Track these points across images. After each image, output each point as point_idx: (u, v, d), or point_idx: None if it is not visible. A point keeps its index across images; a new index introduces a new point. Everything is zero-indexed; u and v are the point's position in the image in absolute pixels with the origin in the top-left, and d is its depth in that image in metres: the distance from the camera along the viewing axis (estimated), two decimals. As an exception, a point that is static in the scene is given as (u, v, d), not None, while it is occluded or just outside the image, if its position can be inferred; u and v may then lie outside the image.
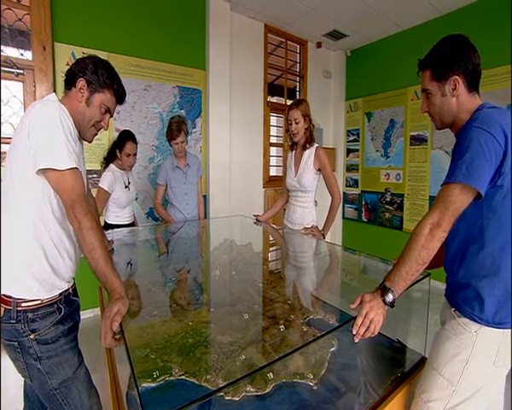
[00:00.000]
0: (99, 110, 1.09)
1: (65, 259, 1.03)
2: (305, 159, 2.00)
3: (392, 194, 4.15)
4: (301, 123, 1.95)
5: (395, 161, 4.11)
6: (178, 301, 1.19)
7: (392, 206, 4.15)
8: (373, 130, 4.38)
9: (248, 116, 3.78)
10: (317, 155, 1.97)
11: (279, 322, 1.01)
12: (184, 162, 2.49)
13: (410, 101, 3.90)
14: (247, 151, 3.81)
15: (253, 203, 3.83)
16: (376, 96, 4.31)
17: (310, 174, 1.98)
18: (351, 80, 4.68)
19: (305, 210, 2.02)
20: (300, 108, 1.93)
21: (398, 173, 4.07)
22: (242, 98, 3.70)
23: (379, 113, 4.30)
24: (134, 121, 2.98)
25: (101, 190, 2.18)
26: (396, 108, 4.07)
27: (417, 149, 3.83)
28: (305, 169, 1.98)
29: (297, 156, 2.07)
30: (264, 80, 3.89)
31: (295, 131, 1.97)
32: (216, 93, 3.37)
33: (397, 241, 4.08)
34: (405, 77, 3.90)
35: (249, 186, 3.84)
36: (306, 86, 4.41)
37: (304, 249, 1.94)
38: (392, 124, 4.12)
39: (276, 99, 4.52)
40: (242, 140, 3.74)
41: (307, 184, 1.98)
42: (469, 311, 0.98)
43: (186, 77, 3.23)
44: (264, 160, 4.01)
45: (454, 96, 1.00)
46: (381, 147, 4.26)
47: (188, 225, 2.40)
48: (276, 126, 4.48)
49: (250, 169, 3.85)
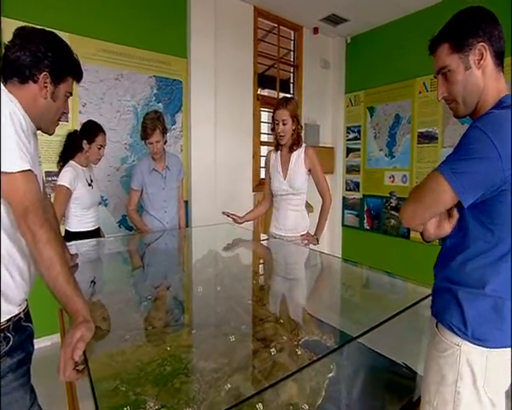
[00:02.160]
0: (64, 100, 1.08)
1: (15, 278, 0.99)
2: (295, 159, 2.05)
3: (398, 198, 4.16)
4: (289, 124, 1.99)
5: (401, 162, 4.13)
6: (155, 322, 1.18)
7: (398, 211, 4.18)
8: (376, 126, 4.42)
9: (236, 111, 3.79)
10: (308, 155, 2.04)
11: (270, 345, 1.01)
12: (163, 165, 2.47)
13: (418, 93, 3.92)
14: (235, 151, 3.82)
15: (241, 209, 3.61)
16: (380, 89, 4.34)
17: (301, 175, 2.04)
18: (351, 71, 4.70)
19: (298, 214, 2.09)
20: (289, 108, 1.98)
21: (404, 175, 4.09)
22: (229, 91, 3.71)
23: (382, 107, 4.32)
24: (103, 115, 2.95)
25: (62, 189, 2.12)
26: (402, 101, 4.10)
27: (426, 147, 3.87)
28: (296, 170, 2.04)
29: (284, 158, 2.11)
30: (253, 71, 3.91)
31: (282, 134, 2.01)
32: (198, 85, 3.38)
33: (403, 251, 4.10)
34: (412, 67, 3.92)
35: (237, 190, 3.85)
36: (301, 77, 4.43)
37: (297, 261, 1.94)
38: (398, 120, 4.15)
39: (267, 92, 4.55)
40: (229, 138, 3.75)
41: (299, 185, 2.04)
42: (449, 319, 0.99)
43: (164, 66, 3.23)
44: (254, 160, 4.02)
45: (480, 68, 0.98)
46: (385, 146, 4.29)
47: (166, 235, 2.38)
48: (267, 123, 4.47)
49: (238, 171, 3.86)
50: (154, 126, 2.30)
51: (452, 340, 0.97)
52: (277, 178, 2.11)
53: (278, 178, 2.10)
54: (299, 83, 4.46)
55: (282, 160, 2.13)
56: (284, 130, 2.00)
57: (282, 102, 2.00)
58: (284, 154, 2.12)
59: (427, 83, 3.84)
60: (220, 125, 3.64)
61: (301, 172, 2.04)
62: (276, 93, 4.30)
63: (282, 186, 2.08)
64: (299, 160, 2.05)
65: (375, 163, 4.43)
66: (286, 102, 1.99)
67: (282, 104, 2.00)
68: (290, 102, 2.01)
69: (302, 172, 2.04)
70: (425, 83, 3.87)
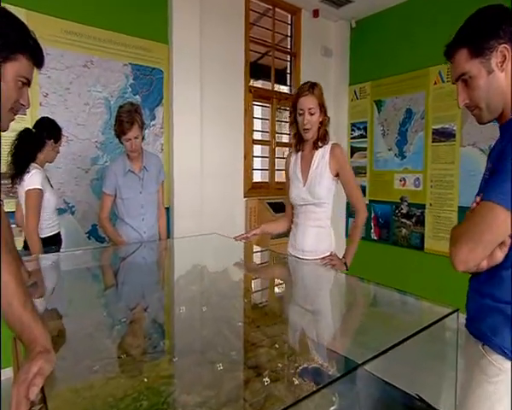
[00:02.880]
0: (15, 86, 1.00)
1: None
2: (318, 160, 1.97)
3: (410, 204, 4.20)
4: (317, 115, 1.92)
5: (413, 163, 4.16)
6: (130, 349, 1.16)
7: (410, 220, 4.21)
8: (384, 123, 4.46)
9: (225, 105, 3.81)
10: (334, 155, 1.95)
11: (263, 373, 1.01)
12: (140, 165, 2.47)
13: (433, 84, 3.96)
14: (224, 151, 3.85)
15: (230, 218, 3.87)
16: (389, 80, 4.37)
17: (326, 181, 1.95)
18: (356, 59, 4.75)
19: (321, 231, 1.99)
20: (316, 94, 1.91)
21: (416, 178, 4.13)
22: (217, 82, 3.73)
23: (392, 101, 4.36)
24: (69, 109, 2.94)
25: (36, 192, 2.21)
26: (414, 94, 4.13)
27: (442, 146, 3.91)
28: (319, 174, 1.96)
29: (305, 159, 2.04)
30: (245, 59, 3.95)
31: (308, 126, 1.92)
32: (182, 75, 3.40)
33: (416, 265, 4.13)
34: (426, 54, 3.96)
35: (226, 196, 3.87)
36: (299, 67, 4.48)
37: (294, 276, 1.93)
38: (410, 115, 4.18)
39: (260, 83, 4.58)
40: (217, 137, 3.77)
41: (323, 194, 1.95)
42: (500, 342, 1.00)
43: (142, 52, 3.25)
44: (246, 161, 4.06)
45: (503, 71, 1.01)
46: (395, 144, 4.33)
47: (144, 248, 2.38)
48: (260, 119, 4.53)
49: (227, 174, 3.89)
50: (132, 120, 2.29)
51: (504, 365, 0.99)
52: (296, 185, 2.03)
53: (297, 184, 2.03)
54: (296, 73, 4.48)
55: (302, 161, 2.05)
56: (311, 121, 1.91)
57: (308, 86, 1.92)
58: (306, 153, 2.04)
59: (443, 72, 3.89)
60: (207, 121, 3.66)
61: (325, 176, 1.95)
62: (271, 85, 4.34)
63: (300, 194, 2.00)
64: (323, 161, 1.97)
65: (384, 164, 4.45)
66: (313, 87, 1.91)
67: (308, 89, 1.90)
68: (317, 87, 1.93)
69: (327, 176, 1.94)
70: (441, 72, 3.91)
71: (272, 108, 4.35)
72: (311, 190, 1.96)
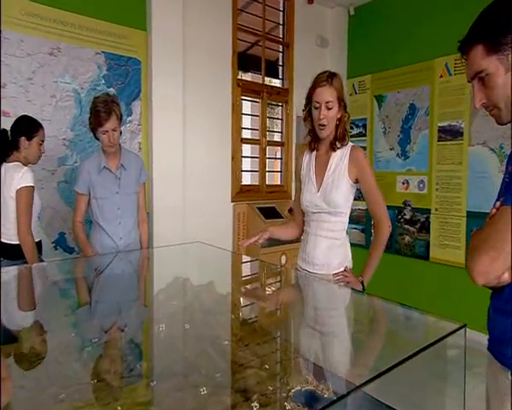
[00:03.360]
0: None
1: None
2: (335, 163, 1.94)
3: (414, 209, 4.23)
4: (335, 110, 1.89)
5: (417, 163, 4.18)
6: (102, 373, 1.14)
7: (414, 226, 4.24)
8: (385, 119, 4.48)
9: (210, 100, 3.82)
10: (355, 158, 1.91)
11: (252, 397, 1.01)
12: (117, 162, 2.46)
13: (439, 78, 3.99)
14: (209, 151, 3.84)
15: (216, 225, 3.86)
16: (390, 73, 4.39)
17: (343, 187, 1.92)
18: (354, 50, 4.77)
19: (335, 243, 1.95)
20: (336, 86, 1.88)
21: (421, 180, 4.15)
22: (201, 74, 3.73)
23: (394, 95, 4.38)
24: (32, 102, 2.90)
25: (28, 190, 2.30)
26: (418, 88, 4.15)
27: (449, 145, 3.94)
28: (336, 179, 1.92)
29: (320, 161, 2.01)
30: (232, 49, 3.95)
31: (324, 122, 1.89)
32: (162, 65, 3.38)
33: (421, 275, 4.16)
34: (431, 44, 3.98)
35: (212, 200, 3.86)
36: (293, 58, 4.50)
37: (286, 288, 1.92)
38: (413, 111, 4.21)
39: (250, 76, 4.59)
40: (202, 135, 3.77)
41: (339, 201, 1.91)
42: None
43: (117, 39, 3.23)
44: (234, 163, 4.05)
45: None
46: (397, 143, 4.35)
47: (121, 259, 2.37)
48: (250, 115, 4.56)
49: (213, 176, 3.89)
50: (110, 110, 2.29)
51: None
52: (309, 189, 1.99)
53: (310, 188, 1.99)
54: (289, 65, 4.50)
55: (317, 163, 2.01)
56: (328, 116, 1.87)
57: (326, 76, 1.88)
58: (321, 154, 2.01)
59: (450, 64, 3.92)
60: (190, 117, 3.65)
61: (343, 181, 1.90)
62: (261, 77, 4.34)
63: (314, 200, 1.96)
64: (341, 164, 1.92)
65: (385, 165, 4.48)
66: (332, 78, 1.87)
67: (326, 79, 1.87)
68: (337, 77, 1.90)
69: (345, 182, 1.90)
70: (447, 64, 3.93)
71: (263, 103, 4.35)
72: (327, 197, 1.92)
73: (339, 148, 1.94)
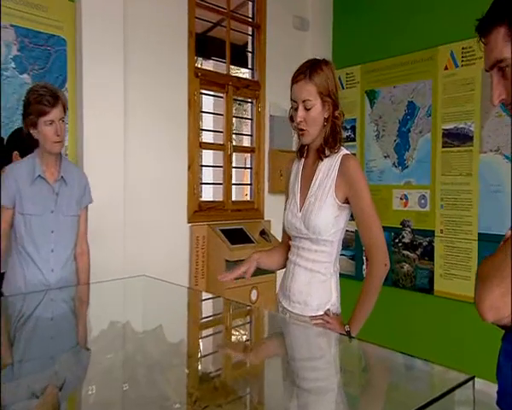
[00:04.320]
0: None
1: None
2: (320, 178, 1.95)
3: (414, 231, 4.24)
4: (316, 108, 1.88)
5: (417, 174, 4.20)
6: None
7: (415, 251, 4.26)
8: (379, 121, 4.50)
9: (160, 93, 3.78)
10: (344, 171, 1.90)
11: None
12: (56, 173, 2.44)
13: (443, 70, 4.03)
14: (158, 157, 3.79)
15: (168, 253, 3.81)
16: (384, 63, 4.40)
17: (327, 209, 1.90)
18: (341, 34, 4.77)
19: (317, 278, 1.95)
20: (316, 80, 1.87)
21: (422, 195, 4.19)
22: (148, 60, 3.68)
23: (389, 91, 4.40)
24: None
25: None
26: (418, 82, 4.18)
27: (456, 152, 3.97)
28: (320, 198, 1.92)
29: (307, 171, 2.04)
30: (188, 30, 3.93)
31: (302, 126, 1.90)
32: (96, 46, 3.28)
33: (423, 312, 4.15)
34: (434, 28, 3.99)
35: (161, 221, 3.80)
36: (264, 43, 4.49)
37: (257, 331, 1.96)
38: (412, 110, 4.23)
39: (211, 64, 4.68)
40: (148, 137, 3.72)
41: (321, 227, 1.90)
42: None
43: (33, 10, 3.09)
44: (191, 173, 4.02)
45: None
46: (393, 150, 4.37)
47: (52, 300, 2.33)
48: (212, 114, 4.61)
49: (163, 190, 3.83)
50: (56, 95, 2.30)
51: None
52: (291, 207, 2.02)
53: (293, 206, 2.02)
54: (261, 51, 4.48)
55: (303, 174, 2.05)
56: (307, 118, 1.87)
57: (305, 68, 1.88)
58: (309, 163, 2.03)
59: (457, 53, 3.93)
60: (133, 115, 3.59)
61: (327, 202, 1.90)
62: (226, 66, 4.30)
63: (294, 222, 1.98)
64: (327, 179, 1.92)
65: (378, 176, 4.49)
66: (311, 69, 1.86)
67: (302, 72, 1.87)
68: (319, 67, 1.88)
69: (329, 202, 1.90)
70: (453, 53, 3.96)
71: (228, 98, 4.32)
72: (307, 220, 1.92)
73: (327, 156, 1.93)
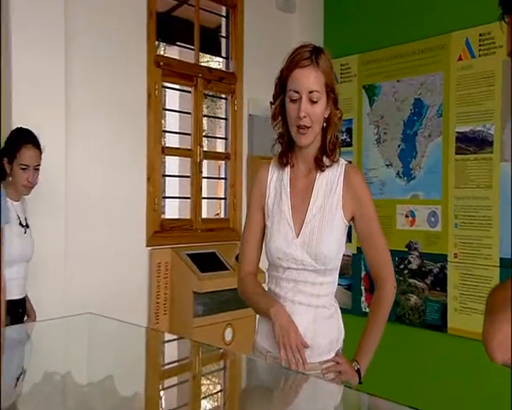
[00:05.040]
0: None
1: None
2: (324, 192, 1.96)
3: (423, 255, 4.22)
4: (322, 103, 1.87)
5: (426, 187, 4.20)
6: None
7: (424, 280, 4.23)
8: (380, 121, 4.50)
9: (112, 87, 3.76)
10: (351, 186, 1.93)
11: None
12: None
13: (457, 61, 4.02)
14: (109, 166, 3.76)
15: (121, 283, 3.77)
16: (386, 52, 4.42)
17: (337, 230, 1.93)
18: (334, 17, 4.81)
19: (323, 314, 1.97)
20: (323, 67, 1.86)
21: (432, 212, 4.18)
22: (97, 46, 3.66)
23: (391, 86, 4.41)
24: None
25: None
26: (427, 76, 4.18)
27: (472, 160, 3.96)
28: (327, 218, 1.93)
29: (298, 184, 2.02)
30: (147, 8, 3.92)
31: (307, 122, 1.86)
32: (29, 29, 3.26)
33: (434, 354, 4.14)
34: (446, 11, 4.02)
35: (114, 245, 3.77)
36: (242, 27, 4.49)
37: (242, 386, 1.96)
38: (420, 109, 4.23)
39: (176, 51, 4.79)
40: (96, 140, 3.68)
41: (332, 253, 1.92)
42: None
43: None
44: (151, 185, 3.98)
45: None
46: (397, 157, 4.38)
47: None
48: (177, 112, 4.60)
49: (116, 206, 3.81)
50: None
51: None
52: (283, 232, 1.97)
53: (285, 231, 1.97)
54: (237, 37, 4.48)
55: (293, 188, 2.02)
56: (313, 114, 1.85)
57: (310, 52, 1.86)
58: (300, 174, 2.02)
59: (473, 41, 3.91)
60: (78, 114, 3.56)
61: (337, 221, 1.93)
62: (195, 54, 4.29)
63: (291, 252, 1.94)
64: (332, 194, 1.94)
65: (379, 189, 4.48)
66: (318, 55, 1.85)
67: (309, 57, 1.84)
68: (324, 53, 1.88)
69: (339, 222, 1.93)
70: (468, 41, 3.96)
71: (197, 93, 4.30)
72: (313, 248, 1.90)
73: (328, 166, 1.94)
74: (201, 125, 4.36)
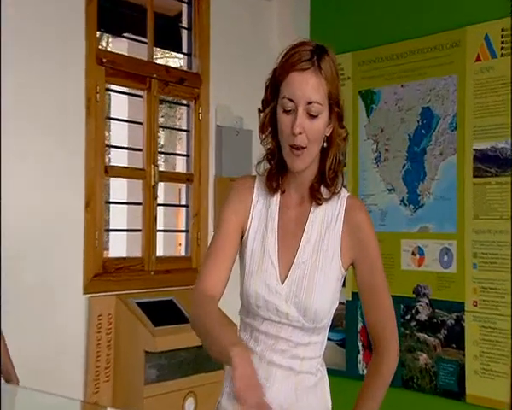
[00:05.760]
0: None
1: None
2: (318, 230, 1.97)
3: (434, 303, 4.20)
4: (323, 118, 1.85)
5: (437, 217, 4.20)
6: None
7: (435, 335, 4.20)
8: (379, 135, 4.54)
9: (40, 90, 3.69)
10: (354, 224, 1.95)
11: None
12: None
13: (474, 61, 4.02)
14: (35, 188, 3.70)
15: (49, 342, 3.69)
16: (387, 50, 4.46)
17: (333, 280, 1.94)
18: (322, 6, 4.89)
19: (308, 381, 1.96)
20: (326, 72, 1.83)
21: (445, 248, 4.17)
22: (23, 36, 3.60)
23: (394, 92, 4.43)
24: None
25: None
26: (437, 80, 4.20)
27: (494, 184, 3.96)
28: (321, 264, 1.93)
29: (290, 216, 2.02)
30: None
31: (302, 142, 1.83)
32: None
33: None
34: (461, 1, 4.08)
35: (39, 292, 3.67)
36: (208, 16, 4.48)
37: None
38: (429, 121, 4.24)
39: (125, 45, 4.90)
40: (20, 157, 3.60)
41: (327, 308, 1.94)
42: None
43: None
44: (90, 213, 3.88)
45: None
46: (402, 180, 4.40)
47: None
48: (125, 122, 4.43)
49: (43, 240, 3.73)
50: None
51: None
52: (265, 275, 1.95)
53: (268, 273, 1.95)
54: (202, 28, 4.48)
55: (282, 219, 2.01)
56: (311, 130, 1.81)
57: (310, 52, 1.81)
58: (292, 204, 2.01)
59: (494, 36, 3.92)
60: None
61: (333, 269, 1.92)
62: (148, 48, 4.28)
63: (273, 301, 1.92)
64: (330, 234, 1.94)
65: (380, 220, 4.49)
66: (321, 55, 1.81)
67: (309, 59, 1.80)
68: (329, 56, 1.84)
69: (335, 270, 1.92)
70: (488, 37, 3.96)
71: (150, 99, 4.28)
72: (301, 301, 1.89)
73: (326, 199, 1.92)
74: (156, 139, 4.31)
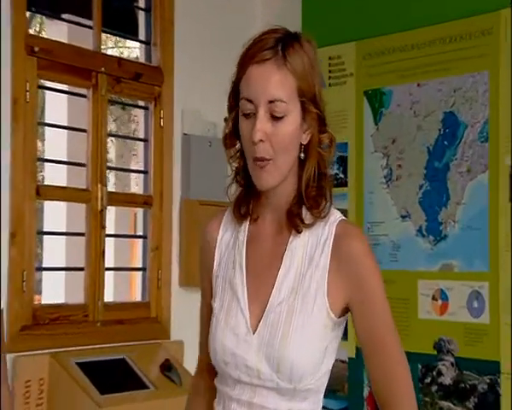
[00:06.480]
0: None
1: None
2: (297, 265, 1.93)
3: (461, 362, 4.14)
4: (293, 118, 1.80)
5: (464, 252, 4.14)
6: None
7: (463, 402, 4.15)
8: (390, 148, 4.52)
9: None
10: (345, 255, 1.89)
11: None
12: None
13: (510, 54, 3.96)
14: None
15: None
16: (399, 40, 4.46)
17: (316, 328, 1.87)
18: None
19: None
20: (294, 64, 1.78)
21: (474, 291, 4.12)
22: None
23: (409, 92, 4.43)
24: None
25: None
26: (463, 77, 4.18)
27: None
28: (300, 306, 1.89)
29: (262, 248, 2.04)
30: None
31: (260, 149, 1.82)
32: None
33: None
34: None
35: None
36: None
37: None
38: (453, 129, 4.21)
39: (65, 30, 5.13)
40: None
41: (307, 365, 1.87)
42: None
43: None
44: (16, 247, 3.86)
45: None
46: (418, 204, 4.36)
47: None
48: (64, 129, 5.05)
49: None
50: None
51: None
52: (231, 321, 1.98)
53: (235, 319, 1.97)
54: (163, 10, 4.52)
55: (252, 252, 2.02)
56: (275, 136, 1.78)
57: (274, 41, 1.80)
58: (262, 234, 2.01)
59: None
60: None
61: (316, 313, 1.85)
62: (95, 34, 4.28)
63: (241, 353, 1.91)
64: (311, 269, 1.88)
65: (391, 255, 4.49)
66: (285, 44, 1.79)
67: (271, 47, 1.78)
68: (299, 43, 1.81)
69: (320, 314, 1.86)
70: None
71: (97, 99, 4.28)
72: (275, 352, 1.84)
73: (309, 225, 1.88)
74: (105, 151, 4.30)
